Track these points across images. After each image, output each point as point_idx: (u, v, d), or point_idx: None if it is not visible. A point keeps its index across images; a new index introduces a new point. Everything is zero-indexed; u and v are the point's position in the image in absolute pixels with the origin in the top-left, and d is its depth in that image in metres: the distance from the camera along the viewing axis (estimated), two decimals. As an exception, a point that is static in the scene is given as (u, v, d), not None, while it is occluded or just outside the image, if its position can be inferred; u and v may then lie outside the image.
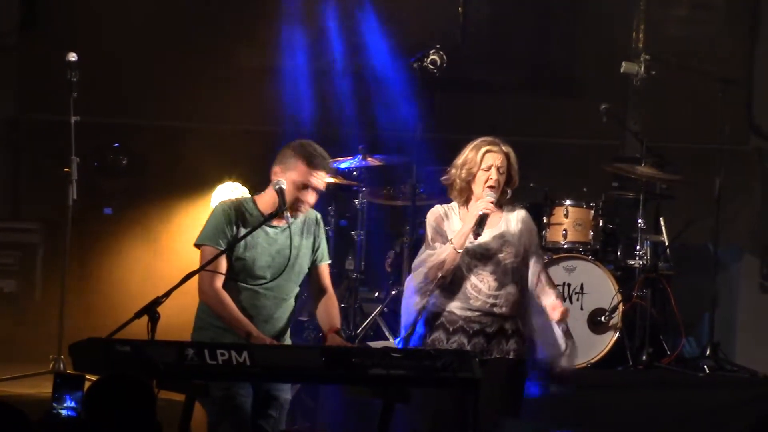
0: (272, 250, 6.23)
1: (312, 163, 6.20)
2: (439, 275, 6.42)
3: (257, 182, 6.72)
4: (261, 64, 10.40)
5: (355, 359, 5.46)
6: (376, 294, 9.54)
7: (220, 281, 6.16)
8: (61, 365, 7.96)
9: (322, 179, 6.22)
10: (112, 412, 4.64)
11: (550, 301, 6.47)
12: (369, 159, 9.29)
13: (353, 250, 9.43)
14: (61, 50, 8.45)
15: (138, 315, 5.65)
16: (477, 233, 6.39)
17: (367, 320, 9.13)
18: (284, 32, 10.41)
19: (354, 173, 9.38)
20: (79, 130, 8.33)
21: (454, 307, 6.44)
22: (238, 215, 6.20)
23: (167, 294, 5.77)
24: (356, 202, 9.39)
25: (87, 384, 5.26)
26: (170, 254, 6.40)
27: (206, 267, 6.04)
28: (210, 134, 10.08)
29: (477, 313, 6.41)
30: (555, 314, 6.43)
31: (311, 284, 6.42)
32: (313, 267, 6.38)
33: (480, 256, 6.43)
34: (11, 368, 8.10)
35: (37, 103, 10.17)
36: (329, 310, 6.38)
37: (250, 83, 10.23)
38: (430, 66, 8.69)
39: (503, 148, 6.48)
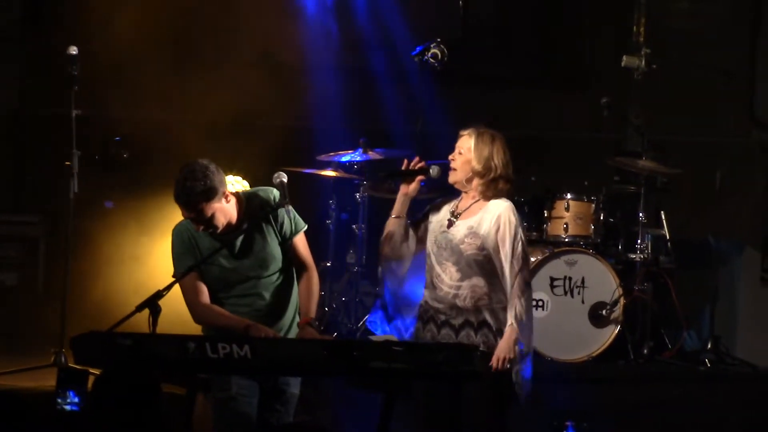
0: (234, 253, 6.31)
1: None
2: (381, 241, 6.42)
3: (259, 176, 6.72)
4: (261, 59, 10.39)
5: (356, 352, 5.47)
6: (377, 288, 9.53)
7: (206, 298, 6.27)
8: (63, 358, 7.96)
9: (184, 213, 6.27)
10: (116, 405, 4.66)
11: (503, 336, 6.25)
12: (370, 152, 9.29)
13: (354, 243, 9.44)
14: (62, 44, 8.44)
15: (139, 308, 5.67)
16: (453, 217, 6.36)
17: (368, 314, 9.14)
18: (286, 25, 10.40)
19: (355, 167, 9.38)
20: (81, 124, 8.34)
21: (426, 296, 6.42)
22: (191, 234, 6.31)
23: (168, 287, 5.80)
24: (357, 195, 9.39)
25: (91, 379, 5.28)
26: (170, 248, 6.40)
27: (187, 287, 6.20)
28: (212, 128, 10.07)
29: (442, 305, 6.35)
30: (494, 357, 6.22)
31: (292, 261, 6.44)
32: (287, 244, 6.40)
33: (445, 246, 6.35)
34: (13, 361, 8.10)
35: (39, 96, 10.16)
36: (308, 291, 6.41)
37: (252, 77, 10.22)
38: (432, 59, 8.69)
39: (475, 131, 6.40)
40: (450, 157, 6.46)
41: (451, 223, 6.39)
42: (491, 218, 6.33)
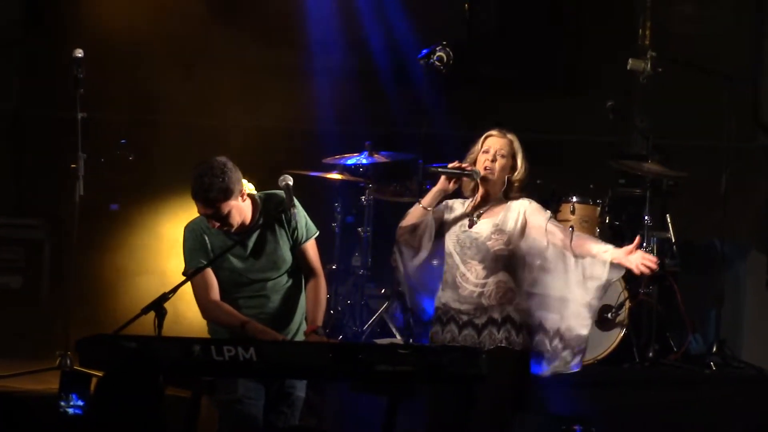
0: (245, 254, 6.31)
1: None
2: (401, 226, 6.38)
3: (263, 178, 6.72)
4: (267, 61, 10.39)
5: (362, 356, 5.46)
6: (383, 290, 9.54)
7: (216, 294, 6.27)
8: (68, 361, 7.96)
9: (200, 209, 6.27)
10: (118, 407, 4.65)
11: (616, 251, 6.39)
12: (375, 155, 9.29)
13: (360, 246, 9.43)
14: (65, 45, 8.44)
15: (145, 311, 5.67)
16: (474, 211, 6.35)
17: (374, 317, 9.13)
18: (291, 29, 10.40)
19: (360, 170, 9.38)
20: (86, 126, 8.33)
21: (447, 298, 6.40)
22: (203, 231, 6.31)
23: (174, 290, 5.79)
24: (363, 198, 9.39)
25: (94, 381, 5.28)
26: (177, 250, 6.39)
27: (197, 283, 6.22)
28: (216, 130, 10.09)
29: (466, 305, 6.33)
30: (634, 260, 6.36)
31: (301, 266, 6.45)
32: (298, 249, 6.40)
33: (469, 244, 6.35)
34: (18, 364, 8.10)
35: (42, 98, 10.16)
36: (316, 299, 6.41)
37: (256, 80, 10.23)
38: (437, 63, 8.67)
39: (508, 135, 6.42)
40: (489, 158, 6.39)
41: (472, 223, 6.39)
42: (515, 217, 6.37)
